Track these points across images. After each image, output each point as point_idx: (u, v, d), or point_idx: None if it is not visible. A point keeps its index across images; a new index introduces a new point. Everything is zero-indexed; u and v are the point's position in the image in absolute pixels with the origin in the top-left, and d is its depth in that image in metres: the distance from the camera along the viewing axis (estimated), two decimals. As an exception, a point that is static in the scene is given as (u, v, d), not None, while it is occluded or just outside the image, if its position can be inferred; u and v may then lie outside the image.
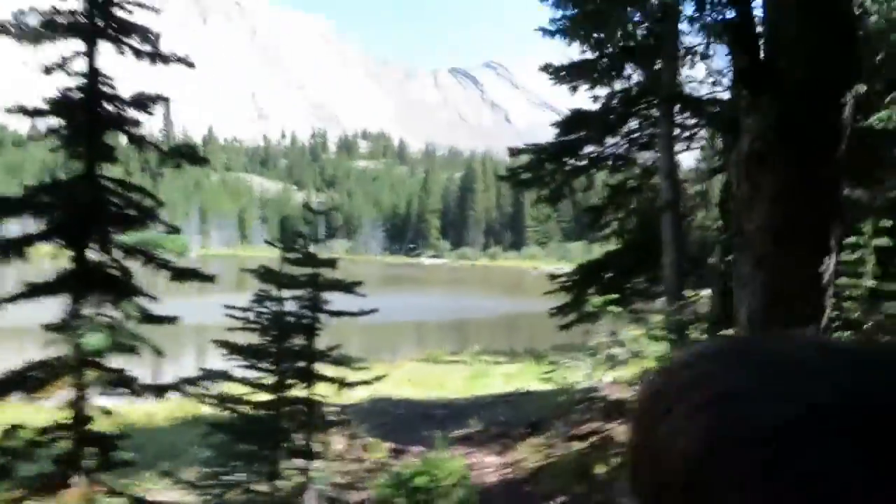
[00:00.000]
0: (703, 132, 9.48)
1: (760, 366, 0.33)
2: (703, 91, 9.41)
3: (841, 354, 0.33)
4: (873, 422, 0.29)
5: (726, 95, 9.51)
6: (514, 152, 9.36)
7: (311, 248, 5.12)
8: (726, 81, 9.60)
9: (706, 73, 9.37)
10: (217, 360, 5.25)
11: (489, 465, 6.41)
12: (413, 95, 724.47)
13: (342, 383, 4.30)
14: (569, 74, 9.16)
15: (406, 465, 4.01)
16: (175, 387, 3.97)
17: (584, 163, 9.26)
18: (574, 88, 9.27)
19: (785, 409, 0.30)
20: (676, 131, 8.89)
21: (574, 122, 9.14)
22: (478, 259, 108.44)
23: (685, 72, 9.23)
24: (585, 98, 9.61)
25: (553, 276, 9.64)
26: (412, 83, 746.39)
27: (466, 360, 16.60)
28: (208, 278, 4.46)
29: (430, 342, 23.06)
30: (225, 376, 4.18)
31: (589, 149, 9.54)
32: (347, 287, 4.59)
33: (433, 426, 8.74)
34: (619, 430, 6.30)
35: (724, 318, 8.59)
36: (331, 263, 4.75)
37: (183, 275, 4.46)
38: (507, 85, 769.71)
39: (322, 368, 4.60)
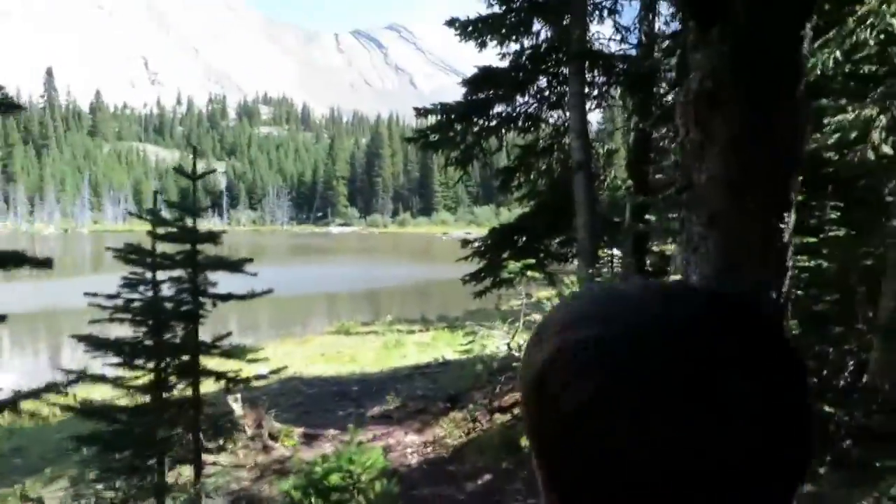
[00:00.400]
0: (613, 91, 9.28)
1: (596, 300, 0.47)
2: (613, 49, 9.21)
3: (659, 291, 0.47)
4: (669, 340, 0.43)
5: (634, 53, 9.35)
6: (420, 113, 8.87)
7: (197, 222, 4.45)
8: (633, 39, 9.44)
9: (613, 29, 9.15)
10: (84, 357, 4.54)
11: (409, 445, 6.07)
12: (315, 59, 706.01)
13: (232, 380, 3.67)
14: (475, 30, 8.73)
15: (318, 461, 3.57)
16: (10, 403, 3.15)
17: (493, 123, 8.88)
18: (482, 45, 8.85)
19: (607, 329, 0.44)
20: (587, 90, 8.64)
21: (482, 80, 8.73)
22: (387, 226, 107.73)
23: (594, 28, 8.99)
24: (493, 57, 9.25)
25: (465, 242, 9.30)
26: (314, 46, 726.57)
27: (379, 331, 16.23)
28: (42, 263, 3.38)
29: (342, 314, 22.49)
30: (83, 378, 3.45)
31: (499, 109, 9.18)
32: (234, 265, 3.92)
33: (349, 404, 8.32)
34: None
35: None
36: (212, 238, 4.11)
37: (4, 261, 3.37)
38: (412, 48, 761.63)
39: (210, 362, 3.95)
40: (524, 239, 8.91)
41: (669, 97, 9.07)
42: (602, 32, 12.41)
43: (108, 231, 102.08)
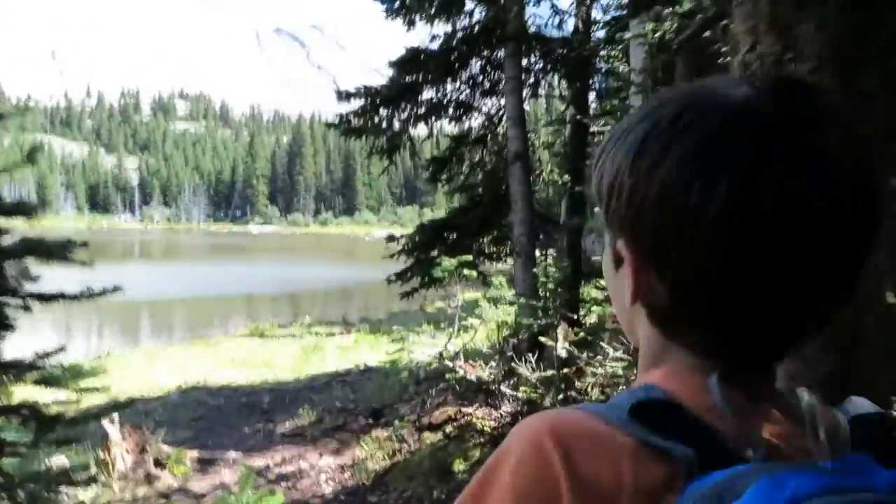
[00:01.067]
0: (550, 78, 8.70)
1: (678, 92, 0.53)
2: (550, 33, 8.65)
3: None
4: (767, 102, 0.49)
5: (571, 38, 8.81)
6: (343, 97, 8.04)
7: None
8: (571, 24, 8.90)
9: (551, 11, 8.58)
10: None
11: (324, 470, 5.24)
12: (235, 55, 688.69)
13: (37, 415, 2.54)
14: (402, 6, 7.98)
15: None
16: None
17: (422, 110, 8.14)
18: (410, 23, 8.10)
19: (697, 101, 0.51)
20: (523, 76, 8.03)
21: (410, 62, 7.97)
22: (309, 226, 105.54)
23: (530, 10, 8.39)
24: (423, 40, 8.55)
25: (391, 238, 8.52)
26: (233, 42, 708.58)
27: (297, 334, 15.24)
28: None
29: (258, 316, 21.27)
30: None
31: (428, 94, 8.46)
32: (58, 251, 2.84)
33: (257, 418, 7.41)
34: (479, 415, 5.37)
35: (576, 278, 7.97)
36: (24, 211, 3.09)
37: None
38: (335, 48, 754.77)
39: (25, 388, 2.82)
40: (455, 236, 8.19)
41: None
42: (540, 15, 11.88)
43: (4, 227, 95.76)
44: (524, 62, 8.22)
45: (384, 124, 8.05)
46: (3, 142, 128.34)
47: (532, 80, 8.40)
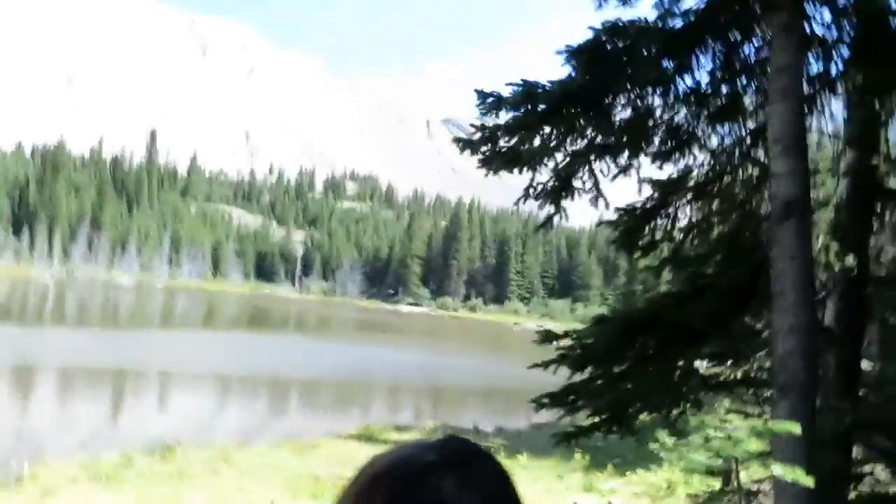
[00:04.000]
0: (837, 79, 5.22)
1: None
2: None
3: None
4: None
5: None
6: (486, 102, 5.00)
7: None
8: None
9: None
10: None
11: None
12: (405, 142, 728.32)
13: None
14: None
15: None
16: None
17: (620, 123, 4.98)
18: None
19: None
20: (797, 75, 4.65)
21: (602, 50, 4.87)
22: (458, 310, 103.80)
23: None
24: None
25: (548, 336, 5.20)
26: (404, 130, 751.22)
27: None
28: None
29: (378, 409, 18.49)
30: None
31: (622, 115, 5.30)
32: None
33: None
34: None
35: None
36: None
37: None
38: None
39: None
40: (656, 341, 4.79)
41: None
42: None
43: (180, 287, 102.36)
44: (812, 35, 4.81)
45: (552, 143, 4.87)
46: (191, 210, 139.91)
47: (808, 87, 4.91)
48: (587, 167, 5.10)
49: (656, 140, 5.43)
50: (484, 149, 4.96)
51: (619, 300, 70.89)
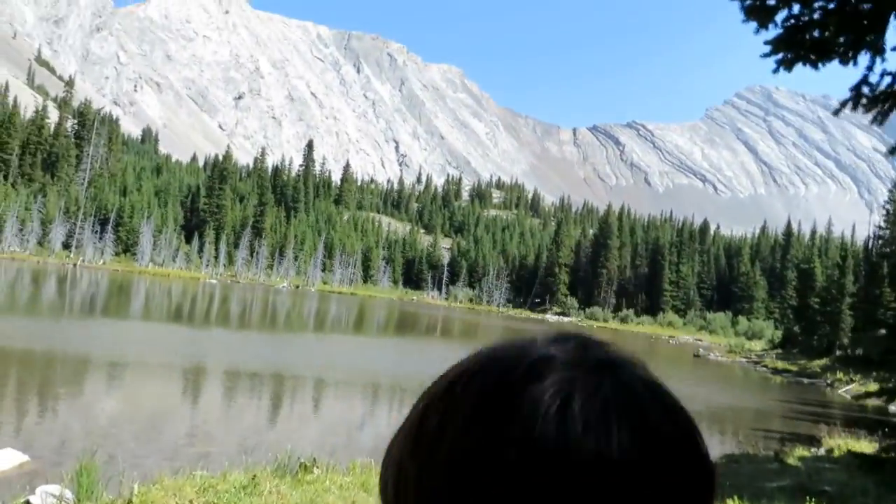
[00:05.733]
0: None
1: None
2: None
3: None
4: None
5: None
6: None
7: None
8: None
9: None
10: None
11: None
12: (550, 150, 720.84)
13: None
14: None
15: None
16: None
17: None
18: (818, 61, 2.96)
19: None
20: None
21: None
22: (608, 321, 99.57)
23: None
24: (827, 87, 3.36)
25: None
26: (550, 139, 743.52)
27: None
28: None
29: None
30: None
31: None
32: None
33: None
34: None
35: None
36: None
37: None
38: (649, 146, 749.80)
39: None
40: None
41: None
42: None
43: (333, 291, 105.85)
44: None
45: None
46: (343, 217, 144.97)
47: None
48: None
49: None
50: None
51: (791, 313, 64.43)
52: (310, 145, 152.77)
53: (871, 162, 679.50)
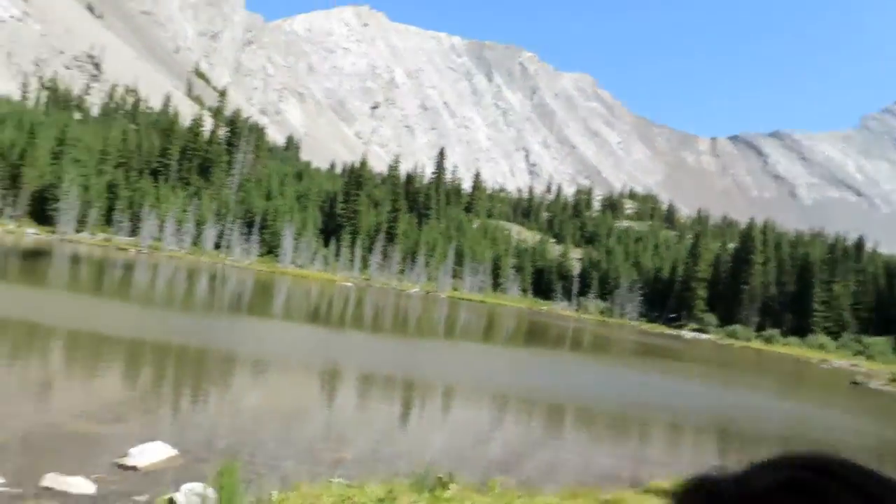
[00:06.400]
0: None
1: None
2: None
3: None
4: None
5: None
6: None
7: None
8: None
9: None
10: None
11: None
12: (686, 161, 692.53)
13: None
14: None
15: None
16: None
17: None
18: None
19: None
20: None
21: None
22: (750, 340, 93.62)
23: None
24: None
25: None
26: (686, 149, 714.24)
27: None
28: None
29: (675, 449, 15.36)
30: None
31: None
32: None
33: None
34: None
35: None
36: None
37: None
38: (795, 157, 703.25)
39: None
40: None
41: None
42: None
43: (462, 298, 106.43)
44: None
45: None
46: (473, 225, 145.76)
47: None
48: None
49: None
50: None
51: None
52: (441, 153, 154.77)
53: None
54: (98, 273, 51.25)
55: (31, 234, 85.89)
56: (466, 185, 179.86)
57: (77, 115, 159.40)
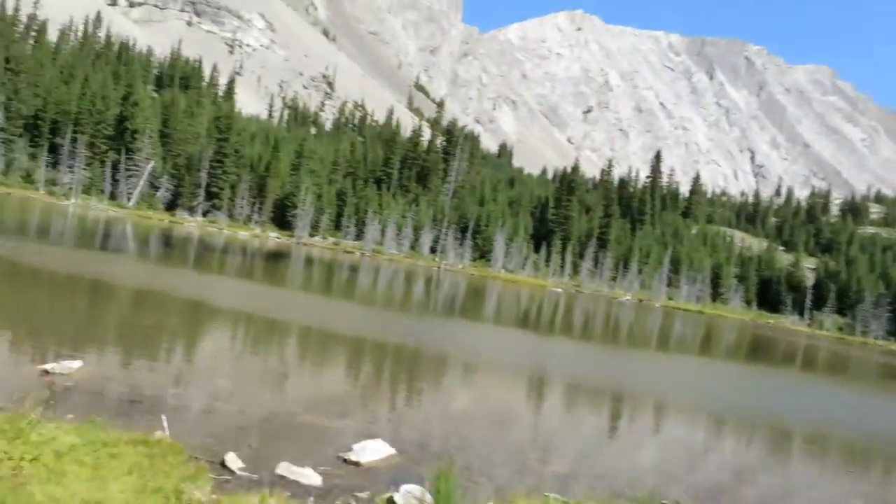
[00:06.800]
0: None
1: None
2: None
3: None
4: None
5: None
6: None
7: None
8: None
9: None
10: None
11: None
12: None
13: None
14: None
15: None
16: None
17: None
18: None
19: None
20: None
21: None
22: None
23: None
24: None
25: None
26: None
27: None
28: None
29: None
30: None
31: None
32: None
33: None
34: None
35: None
36: None
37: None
38: None
39: None
40: None
41: None
42: None
43: (678, 308, 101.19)
44: None
45: None
46: (691, 231, 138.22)
47: None
48: None
49: None
50: None
51: None
52: (657, 156, 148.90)
53: None
54: (328, 274, 55.60)
55: (273, 238, 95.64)
56: (684, 189, 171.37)
57: (313, 130, 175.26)
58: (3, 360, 12.60)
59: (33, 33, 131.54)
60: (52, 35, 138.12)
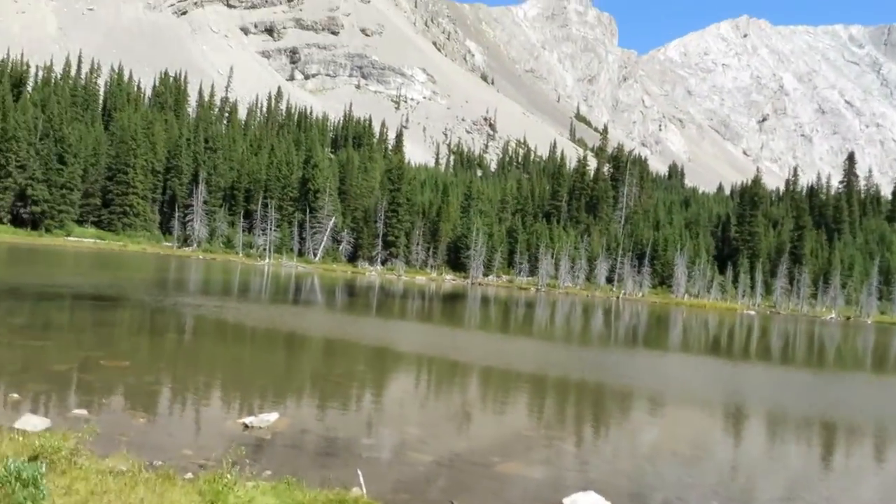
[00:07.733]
0: None
1: None
2: None
3: None
4: None
5: None
6: None
7: None
8: None
9: None
10: None
11: None
12: None
13: None
14: None
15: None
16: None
17: None
18: None
19: None
20: None
21: None
22: None
23: None
24: None
25: None
26: None
27: None
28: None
29: None
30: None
31: None
32: None
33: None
34: None
35: None
36: None
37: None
38: None
39: None
40: None
41: None
42: None
43: (894, 323, 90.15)
44: None
45: None
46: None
47: None
48: None
49: None
50: None
51: None
52: (850, 159, 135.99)
53: None
54: (504, 312, 55.43)
55: (449, 280, 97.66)
56: (885, 192, 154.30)
57: (479, 172, 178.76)
58: (209, 415, 13.33)
59: (226, 114, 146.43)
60: (242, 113, 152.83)
